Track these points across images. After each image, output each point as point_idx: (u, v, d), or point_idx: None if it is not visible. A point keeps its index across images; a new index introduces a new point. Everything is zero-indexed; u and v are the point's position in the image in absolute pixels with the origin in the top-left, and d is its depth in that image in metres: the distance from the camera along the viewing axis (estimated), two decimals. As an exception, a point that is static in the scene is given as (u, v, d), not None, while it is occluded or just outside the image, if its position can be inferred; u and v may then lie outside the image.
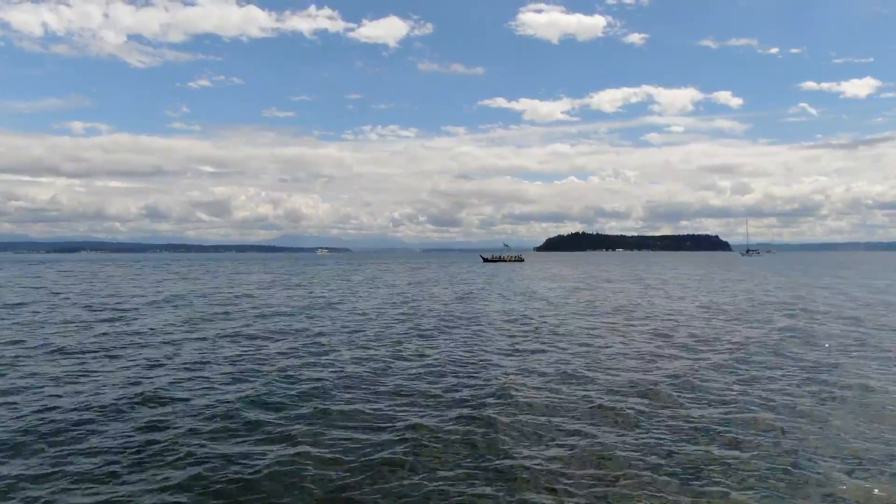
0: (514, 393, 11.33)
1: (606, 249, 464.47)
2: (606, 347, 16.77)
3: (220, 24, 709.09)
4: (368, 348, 16.43)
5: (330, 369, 13.53)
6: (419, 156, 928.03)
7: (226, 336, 18.25)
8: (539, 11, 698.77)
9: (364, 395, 11.35)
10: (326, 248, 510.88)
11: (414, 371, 13.51)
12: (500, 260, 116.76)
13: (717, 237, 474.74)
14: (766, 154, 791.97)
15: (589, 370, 13.57)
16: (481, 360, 14.78)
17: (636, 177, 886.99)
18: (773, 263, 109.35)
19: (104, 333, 18.57)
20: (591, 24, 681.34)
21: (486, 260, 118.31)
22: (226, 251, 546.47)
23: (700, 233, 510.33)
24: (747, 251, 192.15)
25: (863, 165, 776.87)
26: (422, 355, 15.42)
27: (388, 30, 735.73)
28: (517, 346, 16.87)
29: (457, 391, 11.69)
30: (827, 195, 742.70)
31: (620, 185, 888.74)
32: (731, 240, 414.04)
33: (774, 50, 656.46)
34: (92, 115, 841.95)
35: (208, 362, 14.23)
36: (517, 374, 13.13)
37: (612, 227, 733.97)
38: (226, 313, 24.46)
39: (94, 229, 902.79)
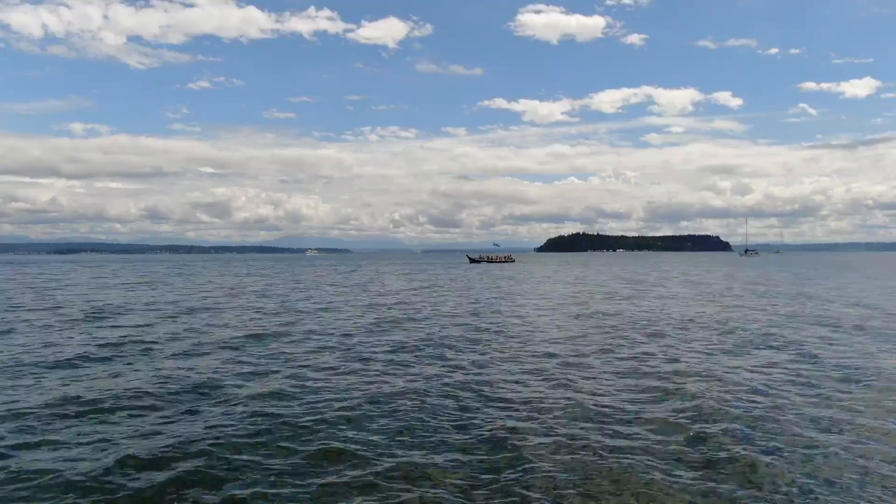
0: None
1: (607, 250, 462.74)
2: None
3: (219, 26, 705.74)
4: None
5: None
6: (419, 157, 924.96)
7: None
8: (538, 12, 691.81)
9: None
10: (316, 249, 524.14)
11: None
12: (489, 260, 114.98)
13: (717, 238, 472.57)
14: (766, 154, 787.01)
15: None
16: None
17: (636, 177, 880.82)
18: (796, 264, 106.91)
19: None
20: (591, 25, 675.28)
21: (472, 260, 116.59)
22: (226, 252, 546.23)
23: (700, 233, 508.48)
24: (745, 251, 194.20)
25: (863, 166, 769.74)
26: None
27: (387, 31, 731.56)
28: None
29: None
30: (827, 196, 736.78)
31: (621, 186, 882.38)
32: (731, 240, 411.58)
33: (774, 50, 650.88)
34: (92, 116, 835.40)
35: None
36: None
37: (612, 228, 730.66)
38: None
39: (94, 230, 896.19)
